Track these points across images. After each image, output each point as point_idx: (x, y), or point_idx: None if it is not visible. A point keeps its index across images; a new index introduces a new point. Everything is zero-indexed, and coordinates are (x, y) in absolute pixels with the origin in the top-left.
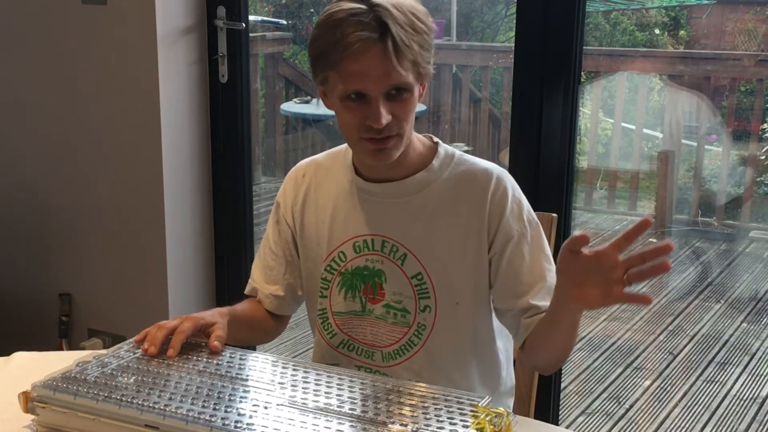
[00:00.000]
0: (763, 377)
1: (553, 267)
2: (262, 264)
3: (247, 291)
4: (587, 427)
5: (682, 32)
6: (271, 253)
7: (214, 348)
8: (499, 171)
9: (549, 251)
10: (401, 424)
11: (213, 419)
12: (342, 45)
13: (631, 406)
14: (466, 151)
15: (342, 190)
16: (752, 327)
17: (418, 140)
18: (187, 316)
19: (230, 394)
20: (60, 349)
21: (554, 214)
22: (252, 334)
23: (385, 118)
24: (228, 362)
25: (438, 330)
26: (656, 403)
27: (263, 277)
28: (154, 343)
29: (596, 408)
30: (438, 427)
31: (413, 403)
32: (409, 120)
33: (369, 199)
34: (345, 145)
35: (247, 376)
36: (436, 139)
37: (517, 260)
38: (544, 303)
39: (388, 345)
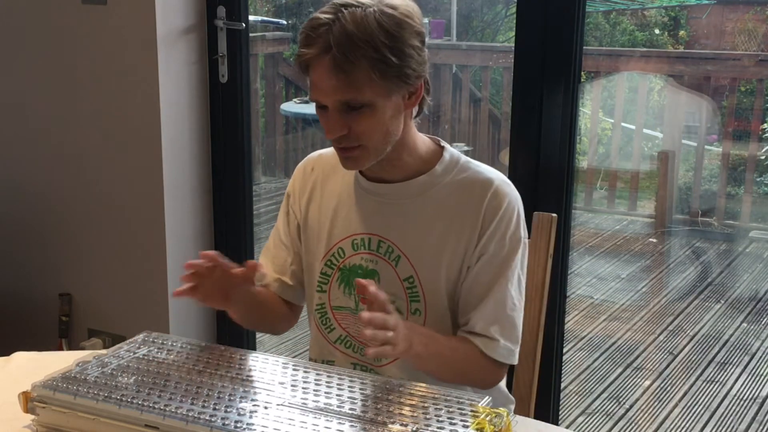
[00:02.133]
0: (763, 377)
1: (514, 292)
2: (271, 253)
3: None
4: (587, 427)
5: (682, 32)
6: (280, 243)
7: (251, 268)
8: (501, 181)
9: (519, 275)
10: (401, 424)
11: (213, 419)
12: (301, 57)
13: (631, 406)
14: (466, 152)
15: (346, 186)
16: (752, 327)
17: (422, 143)
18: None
19: (230, 394)
20: (60, 349)
21: (554, 214)
22: (270, 316)
23: (338, 131)
24: (228, 362)
25: None
26: (656, 403)
27: (271, 266)
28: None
29: (596, 408)
30: (438, 427)
31: (413, 403)
32: (371, 134)
33: (370, 198)
34: None
35: (247, 376)
36: (443, 143)
37: (479, 277)
38: (482, 325)
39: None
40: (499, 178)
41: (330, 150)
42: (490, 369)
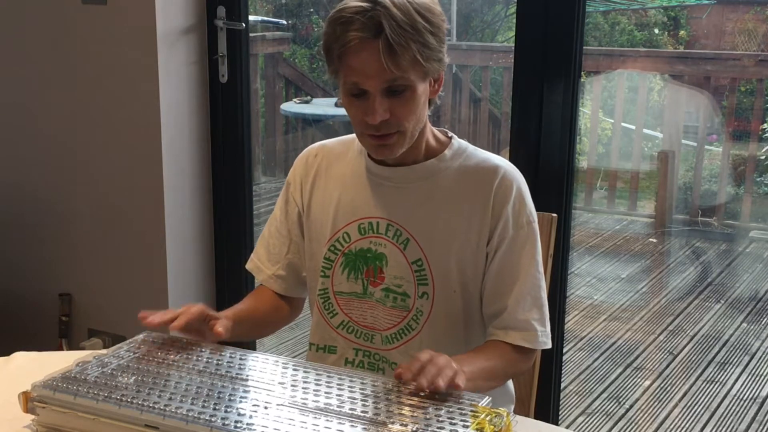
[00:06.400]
0: (763, 377)
1: (540, 274)
2: (266, 242)
3: (248, 266)
4: (587, 427)
5: (682, 32)
6: (276, 232)
7: (217, 333)
8: (509, 168)
9: (540, 257)
10: (401, 424)
11: (213, 419)
12: (341, 42)
13: (631, 406)
14: None
15: (352, 172)
16: (752, 327)
17: (432, 132)
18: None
19: (230, 394)
20: (60, 349)
21: (554, 214)
22: (260, 329)
23: (381, 115)
24: (228, 362)
25: (434, 317)
26: (656, 403)
27: (266, 255)
28: (156, 317)
29: (596, 408)
30: (438, 427)
31: (413, 403)
32: (410, 118)
33: (378, 183)
34: None
35: (247, 376)
36: (450, 134)
37: (506, 261)
38: (521, 311)
39: (387, 328)
40: (506, 164)
41: (334, 140)
42: (524, 358)
